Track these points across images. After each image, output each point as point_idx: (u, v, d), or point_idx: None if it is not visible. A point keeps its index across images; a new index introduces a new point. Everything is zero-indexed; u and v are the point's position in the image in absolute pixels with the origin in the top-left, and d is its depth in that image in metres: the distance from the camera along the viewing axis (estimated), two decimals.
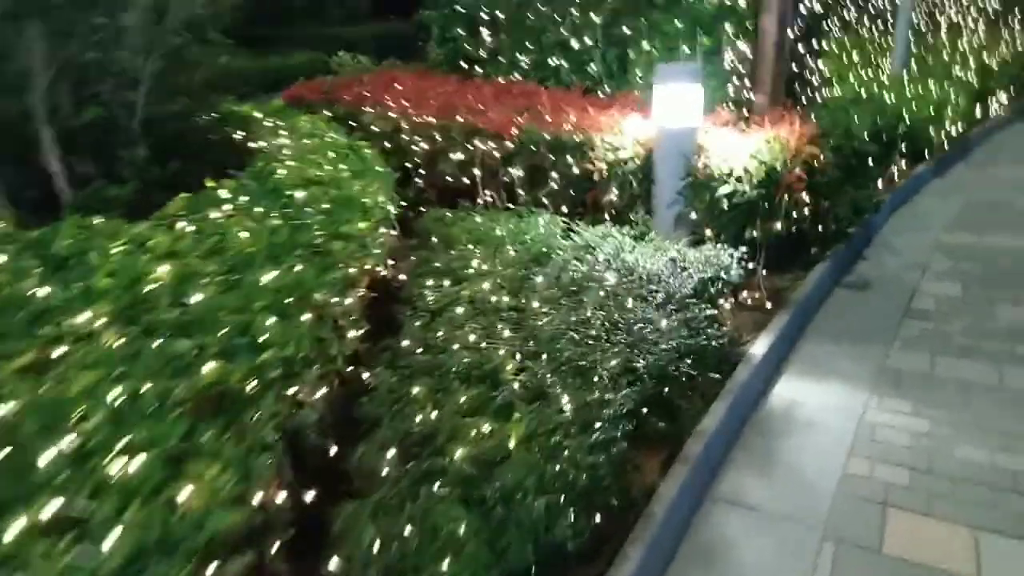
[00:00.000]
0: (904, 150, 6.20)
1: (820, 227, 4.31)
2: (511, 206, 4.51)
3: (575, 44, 5.24)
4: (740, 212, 3.80)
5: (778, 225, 3.86)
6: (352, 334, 2.65)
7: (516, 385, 2.36)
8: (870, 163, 5.32)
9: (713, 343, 2.92)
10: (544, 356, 2.57)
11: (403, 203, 4.86)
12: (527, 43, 5.59)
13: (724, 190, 3.74)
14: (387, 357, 2.65)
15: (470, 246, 3.66)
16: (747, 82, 5.49)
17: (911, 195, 6.04)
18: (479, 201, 4.58)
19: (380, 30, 15.50)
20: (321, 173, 3.48)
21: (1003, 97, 8.80)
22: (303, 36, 16.06)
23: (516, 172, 4.41)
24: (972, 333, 3.73)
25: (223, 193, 3.24)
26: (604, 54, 5.13)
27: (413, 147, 4.75)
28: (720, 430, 2.79)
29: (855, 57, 10.11)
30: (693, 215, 3.93)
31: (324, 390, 2.37)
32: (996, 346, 3.58)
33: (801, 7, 6.42)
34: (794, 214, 3.93)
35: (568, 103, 4.70)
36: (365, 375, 2.60)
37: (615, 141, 4.09)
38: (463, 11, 6.04)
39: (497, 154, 4.42)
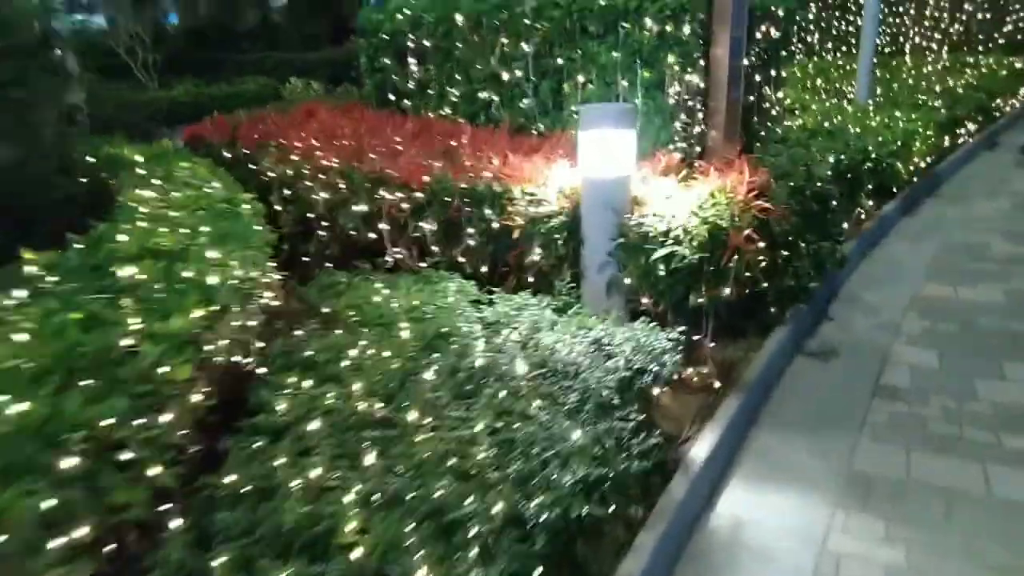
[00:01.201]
0: (870, 186, 5.71)
1: (778, 284, 3.77)
2: (423, 265, 3.91)
3: (506, 76, 4.68)
4: (681, 277, 3.23)
5: (727, 291, 3.30)
6: (154, 471, 2.01)
7: (352, 556, 1.74)
8: (834, 205, 4.81)
9: (637, 463, 2.32)
10: (405, 500, 1.95)
11: (304, 258, 4.27)
12: (456, 75, 5.02)
13: (660, 253, 3.16)
14: (199, 502, 2.00)
15: (359, 324, 3.04)
16: (699, 116, 4.98)
17: (880, 238, 5.55)
18: (388, 259, 3.97)
19: (337, 56, 14.92)
20: (167, 242, 2.84)
21: (971, 126, 8.43)
22: (256, 61, 15.46)
23: (428, 226, 3.80)
24: (952, 418, 3.17)
25: (31, 269, 2.60)
26: (537, 87, 4.58)
27: (314, 196, 4.13)
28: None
29: (819, 82, 9.74)
30: (628, 280, 3.35)
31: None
32: (980, 436, 3.03)
33: (758, 33, 5.96)
34: (746, 274, 3.37)
35: (492, 145, 4.13)
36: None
37: (538, 193, 3.51)
38: (387, 39, 5.46)
39: (406, 206, 3.81)
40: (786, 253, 3.83)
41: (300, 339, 2.94)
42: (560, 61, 4.40)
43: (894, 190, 6.16)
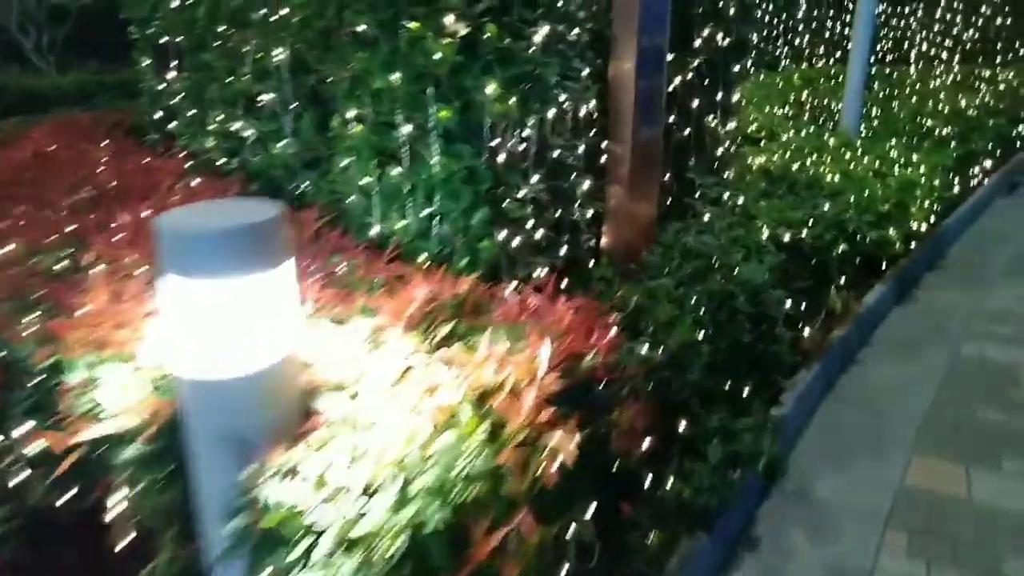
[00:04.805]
0: (847, 255, 3.92)
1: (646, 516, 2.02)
2: None
3: (264, 97, 2.88)
4: None
5: None
6: None
7: None
8: (780, 325, 3.04)
9: None
10: None
11: None
12: (207, 94, 3.22)
13: (325, 547, 1.40)
14: None
15: None
16: (580, 186, 3.22)
17: (856, 351, 3.77)
18: None
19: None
20: None
21: (987, 162, 6.64)
22: None
23: None
24: None
25: None
26: (298, 119, 2.79)
27: None
28: None
29: (805, 95, 7.92)
30: None
31: None
32: None
33: (697, 39, 4.15)
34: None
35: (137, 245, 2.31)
36: None
37: (111, 384, 1.70)
38: (149, 29, 3.62)
39: None
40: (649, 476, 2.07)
41: None
42: (321, 81, 2.60)
43: (884, 263, 4.40)
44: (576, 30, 3.09)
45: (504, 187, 2.53)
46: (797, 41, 10.43)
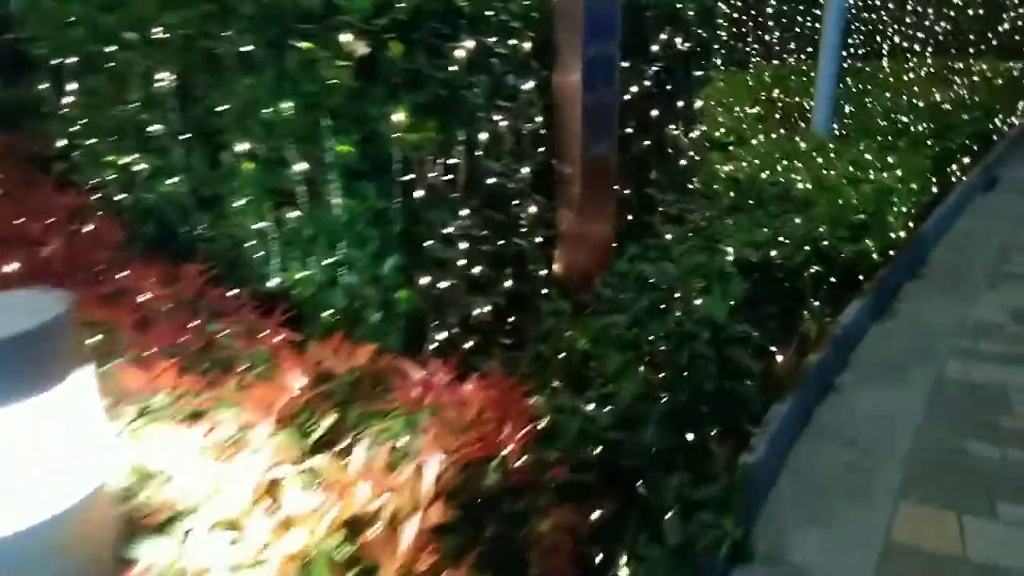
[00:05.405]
0: (820, 276, 3.64)
1: None
2: None
3: (153, 127, 2.53)
4: None
5: None
6: None
7: None
8: (748, 359, 2.74)
9: None
10: None
11: None
12: (99, 121, 2.87)
13: None
14: None
15: None
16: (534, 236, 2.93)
17: (834, 376, 3.48)
18: None
19: None
20: None
21: (965, 159, 6.41)
22: None
23: None
24: None
25: None
26: (190, 152, 2.44)
27: None
28: None
29: (776, 93, 7.66)
30: None
31: None
32: None
33: (653, 45, 3.86)
34: None
35: None
36: None
37: None
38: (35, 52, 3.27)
39: None
40: None
41: None
42: (210, 110, 2.27)
43: (861, 275, 4.12)
44: (514, 41, 2.78)
45: (425, 226, 2.20)
46: (767, 38, 10.19)
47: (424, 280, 2.23)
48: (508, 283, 2.85)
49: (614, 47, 3.27)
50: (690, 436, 2.36)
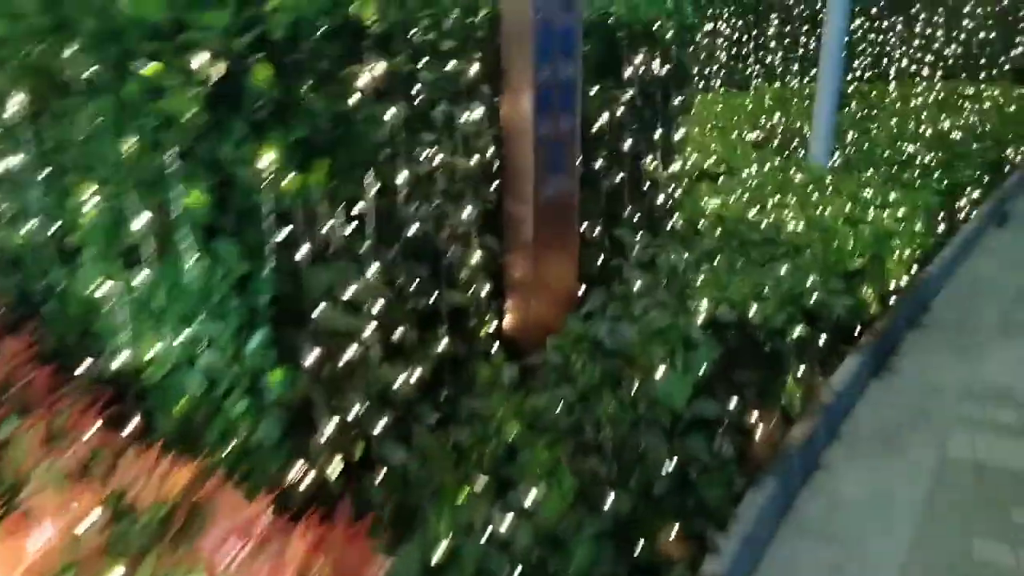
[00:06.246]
0: (807, 338, 3.21)
1: None
2: None
3: (3, 164, 2.13)
4: None
5: None
6: None
7: None
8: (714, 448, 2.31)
9: None
10: None
11: None
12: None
13: None
14: None
15: None
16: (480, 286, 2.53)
17: (821, 449, 3.05)
18: None
19: None
20: None
21: (975, 192, 5.98)
22: None
23: None
24: None
25: None
26: (44, 195, 2.03)
27: None
28: None
29: (777, 118, 7.26)
30: None
31: None
32: None
33: (627, 68, 3.46)
34: None
35: None
36: None
37: None
38: None
39: None
40: None
41: None
42: (58, 142, 1.87)
43: (858, 328, 3.69)
44: (452, 64, 2.38)
45: (313, 290, 1.79)
46: (769, 59, 9.80)
47: (313, 355, 1.82)
48: (441, 346, 2.44)
49: (574, 69, 2.87)
50: (637, 549, 1.94)
